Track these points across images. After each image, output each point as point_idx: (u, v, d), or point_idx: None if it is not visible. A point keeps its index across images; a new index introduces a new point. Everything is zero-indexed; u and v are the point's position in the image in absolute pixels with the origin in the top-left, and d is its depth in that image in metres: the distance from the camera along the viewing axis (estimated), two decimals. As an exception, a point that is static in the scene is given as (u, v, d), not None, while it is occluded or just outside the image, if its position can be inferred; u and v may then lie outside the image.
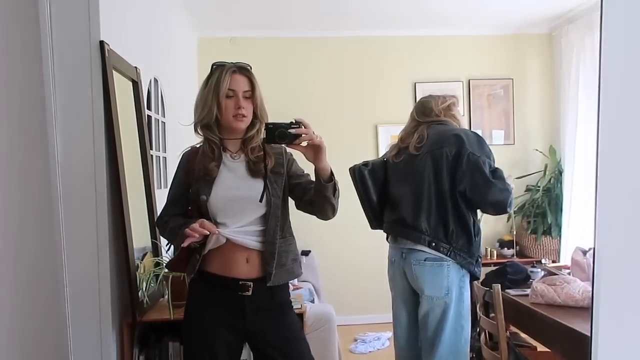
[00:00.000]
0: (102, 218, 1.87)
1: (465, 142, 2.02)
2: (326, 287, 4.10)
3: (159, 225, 1.76)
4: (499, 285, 1.99)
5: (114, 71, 2.02)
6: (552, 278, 2.16)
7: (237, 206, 1.62)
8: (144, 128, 2.39)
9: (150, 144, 2.67)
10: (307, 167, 1.69)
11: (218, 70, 1.63)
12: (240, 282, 1.61)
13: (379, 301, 4.24)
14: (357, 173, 2.19)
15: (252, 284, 1.61)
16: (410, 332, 2.16)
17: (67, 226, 1.84)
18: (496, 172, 2.02)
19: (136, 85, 2.37)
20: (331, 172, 1.56)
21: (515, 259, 4.16)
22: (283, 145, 1.57)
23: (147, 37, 2.72)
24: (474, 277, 2.09)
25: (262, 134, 1.59)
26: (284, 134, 1.51)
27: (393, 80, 4.46)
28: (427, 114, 2.18)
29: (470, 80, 4.53)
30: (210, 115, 1.63)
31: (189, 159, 1.70)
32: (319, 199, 1.58)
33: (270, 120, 1.60)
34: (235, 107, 1.61)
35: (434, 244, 2.00)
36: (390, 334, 3.92)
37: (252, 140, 1.67)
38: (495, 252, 4.30)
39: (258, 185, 1.62)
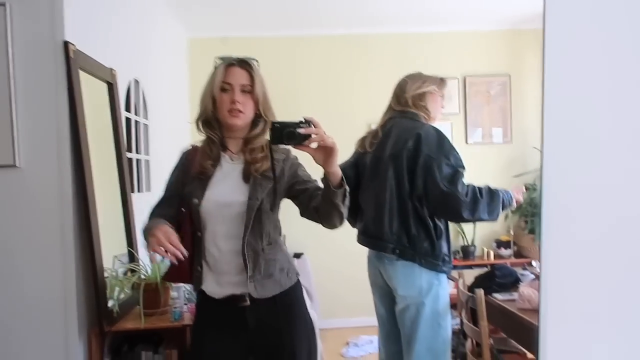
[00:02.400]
0: (67, 225, 1.81)
1: (423, 142, 1.93)
2: (319, 290, 4.03)
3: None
4: (482, 290, 1.91)
5: (83, 72, 1.96)
6: (539, 283, 2.07)
7: (226, 212, 1.50)
8: (119, 131, 2.33)
9: (129, 147, 2.61)
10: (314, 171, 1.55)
11: (218, 63, 1.55)
12: (235, 295, 1.51)
13: (372, 303, 4.17)
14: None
15: (247, 295, 1.50)
16: (391, 328, 2.11)
17: (30, 233, 1.79)
18: (454, 177, 1.90)
19: (111, 87, 2.31)
20: (342, 177, 1.42)
21: (513, 260, 4.07)
22: (290, 146, 1.41)
23: (125, 39, 2.66)
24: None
25: (267, 134, 1.45)
26: (292, 134, 1.35)
27: (387, 78, 4.33)
28: (399, 100, 2.08)
29: (467, 77, 4.43)
30: (207, 111, 1.53)
31: (188, 156, 1.61)
32: (326, 206, 1.44)
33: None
34: (230, 101, 1.49)
35: (397, 250, 1.93)
36: (383, 337, 3.87)
37: (253, 140, 1.54)
38: (492, 253, 4.20)
39: (246, 189, 1.51)
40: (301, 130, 1.35)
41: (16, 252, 1.79)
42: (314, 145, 1.36)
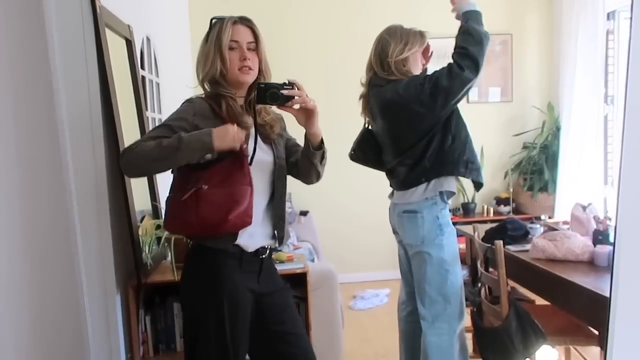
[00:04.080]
0: (101, 180, 1.83)
1: (399, 105, 2.00)
2: (324, 246, 4.15)
3: (127, 151, 1.44)
4: (501, 241, 2.01)
5: (107, 29, 1.95)
6: (553, 234, 2.18)
7: (259, 169, 1.54)
8: (139, 89, 2.33)
9: (146, 105, 2.61)
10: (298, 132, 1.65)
11: (218, 23, 1.54)
12: (263, 248, 1.59)
13: (376, 259, 4.32)
14: (356, 160, 2.31)
15: (268, 248, 1.60)
16: (409, 269, 2.23)
17: (66, 185, 1.81)
18: (433, 81, 1.94)
19: (130, 44, 2.29)
20: (322, 139, 1.52)
21: (512, 216, 4.21)
22: (274, 106, 1.50)
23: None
24: (477, 185, 2.11)
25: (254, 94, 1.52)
26: (275, 94, 1.44)
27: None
28: (383, 65, 2.08)
29: (469, 36, 4.43)
30: (214, 69, 1.52)
31: (204, 110, 1.51)
32: (305, 164, 1.56)
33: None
34: (241, 58, 1.51)
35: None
36: (388, 290, 4.02)
37: (252, 100, 1.57)
38: (492, 210, 4.34)
39: (270, 149, 1.58)
40: (284, 92, 1.44)
41: (54, 205, 1.82)
42: (296, 106, 1.46)
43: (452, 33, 2.01)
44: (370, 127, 2.25)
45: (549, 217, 4.05)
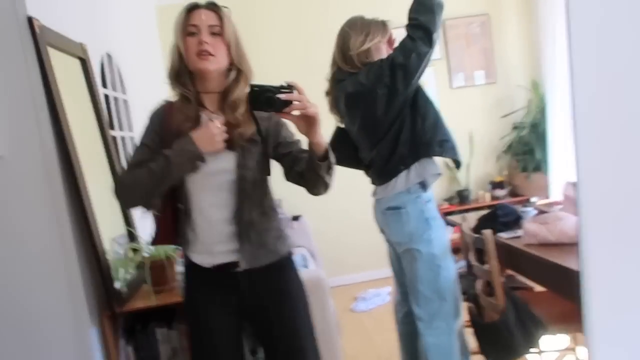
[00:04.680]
0: (61, 211, 1.73)
1: (364, 93, 1.92)
2: (320, 249, 4.04)
3: (122, 184, 1.44)
4: (490, 230, 1.91)
5: (53, 49, 1.85)
6: (544, 216, 2.08)
7: (213, 180, 1.42)
8: (99, 108, 2.23)
9: (111, 125, 2.51)
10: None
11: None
12: (227, 264, 1.46)
13: (374, 257, 4.20)
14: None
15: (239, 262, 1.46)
16: (400, 268, 2.14)
17: (22, 225, 1.71)
18: (389, 60, 1.88)
19: (84, 63, 2.19)
20: (327, 149, 1.34)
21: (509, 200, 4.11)
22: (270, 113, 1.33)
23: (92, 11, 2.51)
24: (457, 163, 2.02)
25: (246, 88, 1.37)
26: (271, 99, 1.25)
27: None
28: (345, 59, 1.99)
29: (446, 21, 4.33)
30: (174, 62, 1.41)
31: (164, 114, 1.45)
32: (311, 175, 1.38)
33: (257, 82, 1.33)
34: (198, 43, 1.36)
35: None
36: (389, 288, 3.91)
37: (230, 93, 1.41)
38: (488, 195, 4.23)
39: (233, 156, 1.42)
40: (281, 96, 1.25)
41: (11, 247, 1.73)
42: (295, 112, 1.27)
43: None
44: (342, 125, 2.16)
45: (545, 198, 3.96)
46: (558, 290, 2.01)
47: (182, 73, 1.41)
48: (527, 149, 4.15)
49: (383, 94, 1.88)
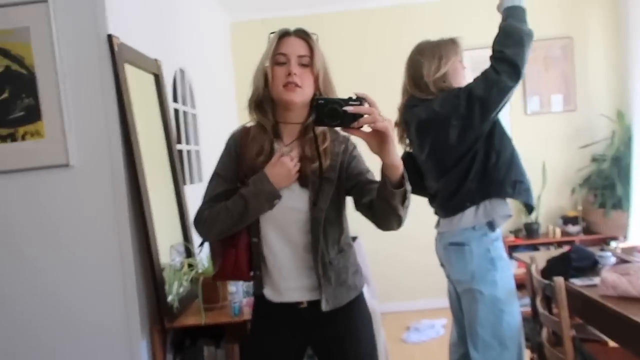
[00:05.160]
0: (123, 222, 1.79)
1: (437, 122, 1.83)
2: (375, 273, 3.94)
3: (199, 221, 1.38)
4: (562, 278, 1.74)
5: (129, 65, 1.92)
6: (626, 267, 1.88)
7: (284, 218, 1.35)
8: (168, 122, 2.29)
9: (179, 138, 2.58)
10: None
11: (271, 37, 1.37)
12: (300, 302, 1.38)
13: (431, 285, 4.02)
14: None
15: (307, 303, 1.38)
16: (459, 307, 2.01)
17: (86, 233, 1.78)
18: (468, 91, 1.77)
19: (158, 78, 2.27)
20: (403, 173, 1.19)
21: (582, 238, 3.82)
22: (338, 128, 1.21)
23: (168, 28, 2.60)
24: (529, 208, 1.89)
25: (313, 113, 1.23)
26: (335, 112, 1.13)
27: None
28: (419, 85, 1.89)
29: (523, 43, 4.13)
30: (258, 89, 1.35)
31: (240, 140, 1.40)
32: (382, 207, 1.22)
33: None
34: (286, 74, 1.30)
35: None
36: (445, 321, 3.73)
37: (310, 128, 1.33)
38: (558, 230, 3.95)
39: (306, 195, 1.34)
40: (349, 109, 1.12)
41: (74, 253, 1.79)
42: (366, 128, 1.14)
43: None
44: (410, 150, 2.07)
45: (624, 238, 3.63)
46: (635, 349, 1.81)
47: (265, 100, 1.36)
48: (606, 183, 3.83)
49: (457, 125, 1.79)
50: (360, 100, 1.14)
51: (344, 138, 1.40)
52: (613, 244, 2.17)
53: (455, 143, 1.82)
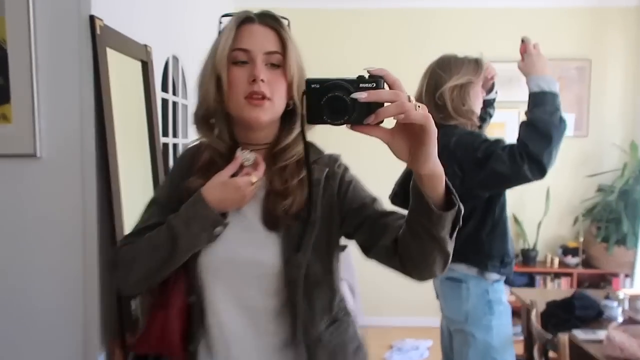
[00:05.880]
0: (90, 224, 1.61)
1: (445, 157, 1.65)
2: (362, 285, 3.79)
3: (114, 262, 1.03)
4: (567, 336, 1.59)
5: (112, 50, 1.73)
6: (635, 328, 1.72)
7: (244, 272, 0.96)
8: (152, 113, 2.11)
9: (166, 131, 2.40)
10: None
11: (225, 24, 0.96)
12: None
13: (419, 302, 3.88)
14: (396, 203, 1.89)
15: None
16: (450, 344, 1.89)
17: (49, 232, 1.60)
18: (488, 154, 1.60)
19: (145, 66, 2.08)
20: (448, 185, 0.80)
21: (581, 270, 3.67)
22: (344, 125, 0.74)
23: (162, 12, 2.41)
24: (506, 281, 1.79)
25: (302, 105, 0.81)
26: (340, 102, 0.72)
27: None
28: (436, 105, 1.74)
29: (540, 61, 3.95)
30: (207, 100, 0.96)
31: (193, 161, 1.02)
32: (420, 243, 0.82)
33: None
34: (249, 79, 0.92)
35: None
36: (430, 342, 3.59)
37: (284, 153, 0.97)
38: (557, 260, 3.80)
39: (277, 241, 0.95)
40: (360, 95, 0.71)
41: (34, 251, 1.62)
42: (388, 123, 0.74)
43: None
44: None
45: (626, 275, 3.48)
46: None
47: (217, 116, 0.98)
48: (612, 217, 3.68)
49: (457, 175, 1.64)
50: (376, 80, 0.73)
51: (330, 158, 1.01)
52: (621, 294, 2.01)
53: (458, 183, 1.66)
